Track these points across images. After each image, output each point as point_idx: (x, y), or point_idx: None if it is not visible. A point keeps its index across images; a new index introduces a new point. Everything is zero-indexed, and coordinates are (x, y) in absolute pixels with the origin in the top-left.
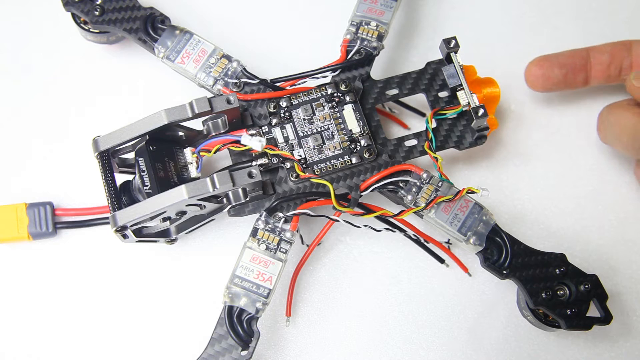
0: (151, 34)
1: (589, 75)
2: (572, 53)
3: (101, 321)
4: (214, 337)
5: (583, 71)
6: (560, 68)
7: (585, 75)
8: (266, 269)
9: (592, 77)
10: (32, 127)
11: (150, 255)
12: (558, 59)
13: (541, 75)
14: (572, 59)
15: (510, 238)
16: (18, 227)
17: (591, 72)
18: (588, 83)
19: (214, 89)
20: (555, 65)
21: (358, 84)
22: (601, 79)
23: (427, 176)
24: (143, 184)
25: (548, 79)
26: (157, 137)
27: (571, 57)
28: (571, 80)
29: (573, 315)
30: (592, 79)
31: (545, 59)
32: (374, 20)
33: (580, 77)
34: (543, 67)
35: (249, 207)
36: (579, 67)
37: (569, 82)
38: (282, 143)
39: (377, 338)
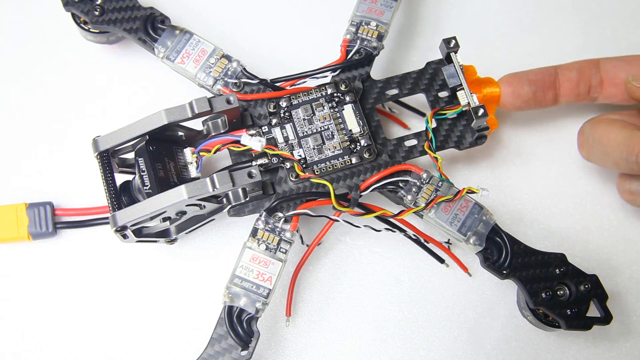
0: (151, 34)
1: (559, 93)
2: (541, 70)
3: (101, 321)
4: (213, 337)
5: (552, 89)
6: (530, 85)
7: (554, 92)
8: (266, 269)
9: (562, 94)
10: (32, 127)
11: (150, 255)
12: (527, 76)
13: (511, 93)
14: (541, 76)
15: (510, 238)
16: (18, 227)
17: (560, 89)
18: (557, 101)
19: (213, 89)
20: (524, 83)
21: (358, 84)
22: (570, 97)
23: (427, 176)
24: (143, 184)
25: (518, 96)
26: (157, 137)
27: (540, 74)
28: (541, 98)
29: (573, 315)
30: (562, 96)
31: (514, 76)
32: (373, 20)
33: (550, 94)
34: (512, 85)
35: (249, 207)
36: (548, 85)
37: (538, 99)
38: (282, 143)
39: (377, 338)
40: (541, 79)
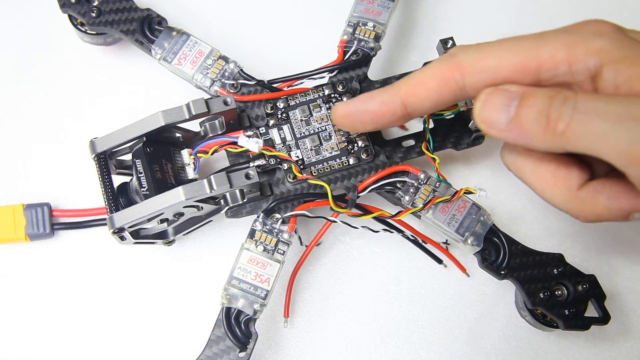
0: (148, 36)
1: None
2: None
3: (99, 323)
4: (211, 338)
5: None
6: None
7: None
8: (264, 270)
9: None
10: (29, 128)
11: (148, 256)
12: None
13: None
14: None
15: (508, 238)
16: (15, 228)
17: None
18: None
19: (211, 90)
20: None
21: (355, 85)
22: None
23: (424, 177)
24: (140, 185)
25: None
26: (154, 139)
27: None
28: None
29: (571, 316)
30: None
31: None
32: (371, 21)
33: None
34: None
35: (247, 209)
36: None
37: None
38: (280, 144)
39: (377, 338)
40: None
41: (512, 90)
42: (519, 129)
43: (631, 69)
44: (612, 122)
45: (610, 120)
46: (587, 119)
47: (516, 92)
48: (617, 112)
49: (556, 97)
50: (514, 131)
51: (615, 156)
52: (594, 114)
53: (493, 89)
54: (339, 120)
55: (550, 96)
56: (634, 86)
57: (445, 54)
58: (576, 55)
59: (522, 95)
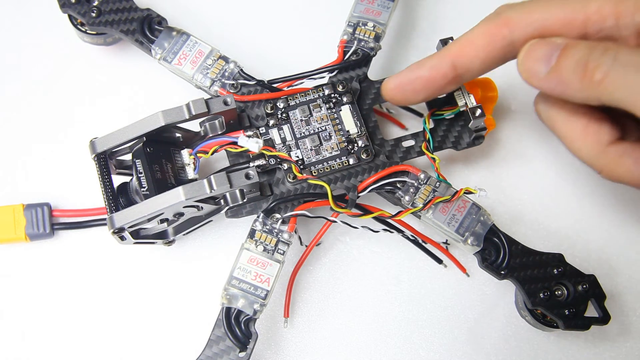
0: (148, 36)
1: None
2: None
3: (99, 323)
4: (211, 338)
5: None
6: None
7: None
8: (264, 270)
9: None
10: (29, 128)
11: (148, 256)
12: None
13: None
14: None
15: (508, 238)
16: (15, 228)
17: None
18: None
19: (211, 90)
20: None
21: (355, 85)
22: None
23: (424, 177)
24: (140, 185)
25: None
26: (154, 139)
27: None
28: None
29: (571, 316)
30: None
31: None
32: (371, 21)
33: None
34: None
35: (247, 209)
36: None
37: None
38: (280, 144)
39: (377, 338)
40: None
41: (556, 42)
42: (557, 77)
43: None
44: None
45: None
46: (625, 71)
47: (560, 44)
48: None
49: (597, 47)
50: (552, 80)
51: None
52: (634, 67)
53: (538, 40)
54: (390, 93)
55: (592, 46)
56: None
57: (492, 13)
58: (624, 9)
59: (565, 47)
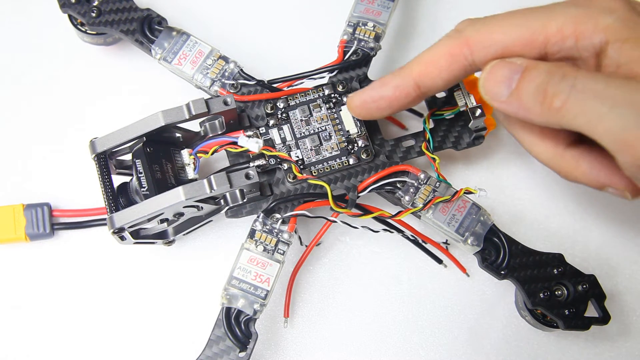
0: (148, 36)
1: None
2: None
3: (99, 323)
4: (211, 338)
5: None
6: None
7: None
8: (264, 270)
9: None
10: (30, 128)
11: (148, 256)
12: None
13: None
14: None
15: (508, 238)
16: (15, 228)
17: None
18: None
19: (211, 90)
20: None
21: (355, 85)
22: None
23: (424, 177)
24: (140, 185)
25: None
26: (154, 139)
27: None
28: None
29: (571, 316)
30: None
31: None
32: (371, 21)
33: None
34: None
35: (247, 209)
36: None
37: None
38: (280, 144)
39: (377, 338)
40: None
41: (516, 63)
42: (518, 102)
43: (634, 51)
44: (608, 106)
45: (607, 103)
46: (584, 98)
47: (520, 65)
48: (614, 96)
49: (556, 72)
50: (513, 104)
51: (608, 140)
52: (592, 95)
53: (498, 61)
54: (355, 110)
55: (550, 71)
56: (634, 68)
57: (453, 30)
58: (583, 30)
59: (525, 68)
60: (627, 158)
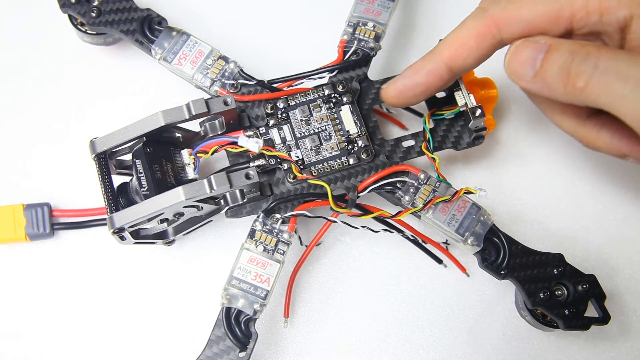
0: (148, 36)
1: None
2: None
3: (99, 323)
4: (211, 338)
5: None
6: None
7: None
8: (264, 270)
9: None
10: (29, 128)
11: (148, 256)
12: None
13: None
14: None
15: (508, 238)
16: (15, 228)
17: None
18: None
19: (211, 90)
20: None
21: (355, 85)
22: None
23: (424, 177)
24: (140, 185)
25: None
26: (154, 139)
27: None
28: None
29: (571, 316)
30: None
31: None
32: (371, 21)
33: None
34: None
35: (247, 209)
36: None
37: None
38: (280, 144)
39: (377, 338)
40: None
41: (540, 43)
42: (542, 82)
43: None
44: (631, 85)
45: (629, 83)
46: (606, 79)
47: (544, 45)
48: (637, 76)
49: (579, 52)
50: (538, 84)
51: (632, 119)
52: (615, 74)
53: (522, 41)
54: (392, 100)
55: (573, 51)
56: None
57: (478, 9)
58: (608, 5)
59: (548, 48)
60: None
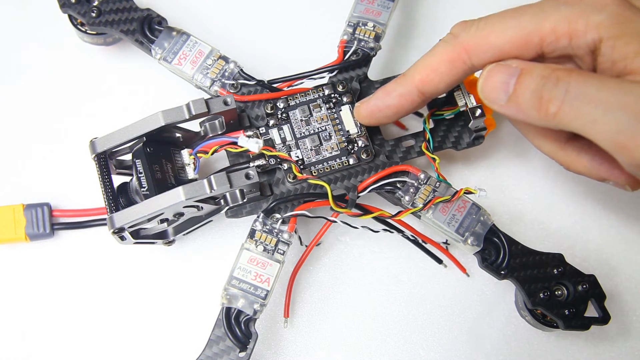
0: (148, 36)
1: None
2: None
3: (99, 323)
4: (211, 338)
5: None
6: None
7: None
8: (264, 270)
9: None
10: (30, 128)
11: (148, 256)
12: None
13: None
14: None
15: (508, 238)
16: (15, 228)
17: None
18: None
19: (211, 90)
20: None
21: (355, 85)
22: None
23: (424, 177)
24: (140, 185)
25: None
26: (154, 139)
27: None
28: None
29: (571, 316)
30: None
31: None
32: (371, 21)
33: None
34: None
35: (247, 209)
36: None
37: None
38: (280, 144)
39: (377, 338)
40: None
41: (512, 67)
42: (516, 106)
43: (628, 47)
44: (602, 109)
45: (600, 107)
46: (578, 104)
47: (516, 69)
48: (607, 100)
49: (550, 77)
50: (512, 108)
51: (604, 142)
52: (586, 99)
53: (494, 65)
54: (364, 119)
55: (545, 76)
56: (628, 64)
57: (448, 35)
58: (576, 29)
59: (520, 73)
60: (624, 158)
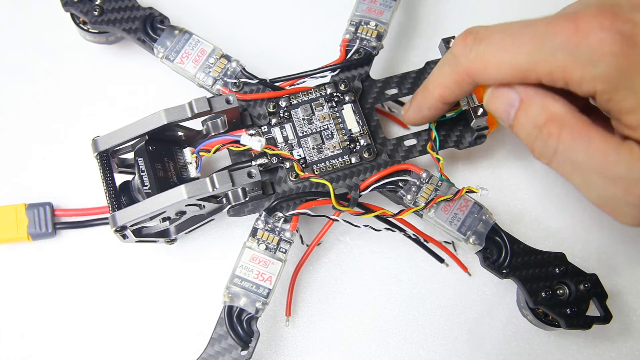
0: (150, 34)
1: None
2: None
3: (101, 321)
4: (213, 337)
5: None
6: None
7: None
8: (266, 268)
9: None
10: (31, 127)
11: (150, 255)
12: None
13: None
14: None
15: (509, 237)
16: (17, 228)
17: None
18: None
19: (213, 89)
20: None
21: (357, 84)
22: None
23: (426, 176)
24: (142, 184)
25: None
26: (156, 137)
27: None
28: None
29: (573, 315)
30: None
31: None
32: (373, 20)
33: None
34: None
35: (249, 207)
36: None
37: None
38: (282, 143)
39: (377, 338)
40: None
41: (512, 95)
42: (518, 135)
43: (622, 103)
44: (582, 176)
45: (582, 174)
46: (563, 168)
47: (516, 98)
48: (589, 168)
49: (542, 130)
50: (517, 133)
51: (592, 201)
52: (570, 166)
53: (496, 91)
54: (410, 125)
55: (537, 125)
56: (623, 119)
57: (449, 54)
58: (571, 78)
59: (519, 107)
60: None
